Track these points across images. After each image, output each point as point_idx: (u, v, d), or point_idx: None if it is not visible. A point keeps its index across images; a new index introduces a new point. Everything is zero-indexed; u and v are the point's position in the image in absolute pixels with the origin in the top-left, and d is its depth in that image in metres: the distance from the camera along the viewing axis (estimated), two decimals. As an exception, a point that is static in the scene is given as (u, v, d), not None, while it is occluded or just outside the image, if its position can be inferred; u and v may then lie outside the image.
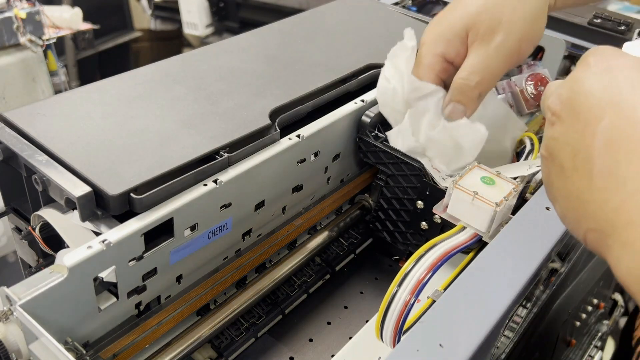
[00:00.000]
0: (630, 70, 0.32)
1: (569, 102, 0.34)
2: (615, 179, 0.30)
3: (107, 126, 0.50)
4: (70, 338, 0.43)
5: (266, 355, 0.56)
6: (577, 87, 0.34)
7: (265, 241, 0.59)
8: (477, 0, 0.53)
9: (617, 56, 0.34)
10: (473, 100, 0.53)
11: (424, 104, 0.56)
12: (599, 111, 0.32)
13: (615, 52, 0.35)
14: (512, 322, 0.46)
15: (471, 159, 0.55)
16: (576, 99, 0.34)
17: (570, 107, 0.34)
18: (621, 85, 0.32)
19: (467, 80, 0.52)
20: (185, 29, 2.13)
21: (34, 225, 0.49)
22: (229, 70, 0.62)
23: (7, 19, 1.35)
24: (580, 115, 0.33)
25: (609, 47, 0.35)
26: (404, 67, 0.57)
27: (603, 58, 0.34)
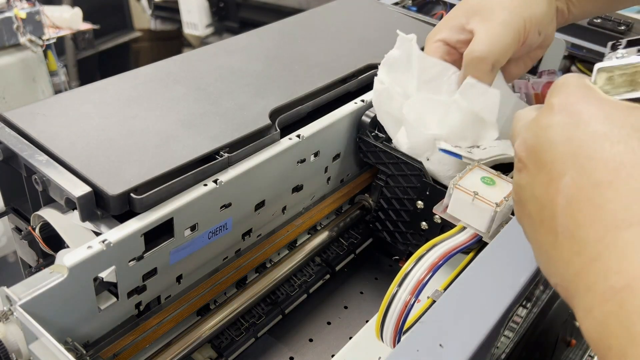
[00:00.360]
0: (594, 122, 0.30)
1: (534, 151, 0.33)
2: (577, 242, 0.29)
3: (107, 126, 0.50)
4: (70, 338, 0.43)
5: (266, 355, 0.56)
6: (541, 135, 0.32)
7: (265, 241, 0.59)
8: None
9: (582, 99, 0.32)
10: (486, 73, 0.53)
11: (436, 84, 0.55)
12: (562, 166, 0.30)
13: (580, 93, 0.32)
14: (512, 322, 0.46)
15: (493, 127, 0.55)
16: (540, 149, 0.32)
17: (534, 156, 0.33)
18: (583, 139, 0.30)
19: (477, 52, 0.52)
20: (185, 29, 2.13)
21: (34, 225, 0.49)
22: (229, 70, 0.62)
23: (7, 19, 1.35)
24: (545, 168, 0.32)
25: (574, 82, 0.33)
26: (412, 55, 0.56)
27: (568, 102, 0.32)
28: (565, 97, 0.32)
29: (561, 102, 0.32)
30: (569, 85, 0.33)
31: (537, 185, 0.32)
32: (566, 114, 0.31)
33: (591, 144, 0.29)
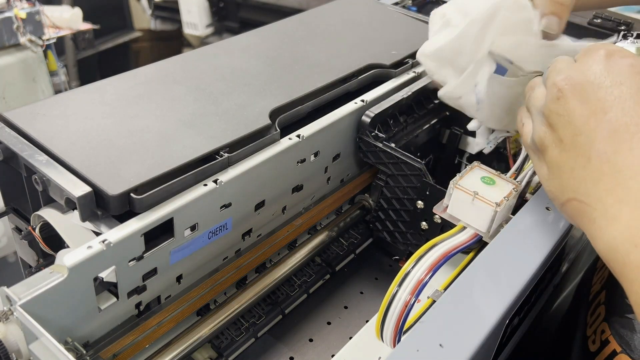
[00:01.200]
0: (637, 74, 0.37)
1: (579, 87, 0.38)
2: (613, 165, 0.35)
3: (107, 126, 0.50)
4: (70, 338, 0.43)
5: (266, 355, 0.56)
6: (589, 76, 0.38)
7: (265, 241, 0.59)
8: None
9: (630, 56, 0.38)
10: (566, 8, 0.53)
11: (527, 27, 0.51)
12: (607, 105, 0.36)
13: (623, 50, 0.39)
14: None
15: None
16: (587, 87, 0.38)
17: (579, 92, 0.38)
18: (629, 86, 0.36)
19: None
20: (185, 29, 2.13)
21: (34, 225, 0.49)
22: (229, 70, 0.62)
23: (7, 19, 1.35)
24: (589, 103, 0.37)
25: (618, 46, 0.40)
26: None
27: (614, 54, 0.38)
28: (613, 50, 0.39)
29: (609, 53, 0.39)
30: (610, 44, 0.40)
31: (577, 115, 0.38)
32: (614, 63, 0.38)
33: (637, 92, 0.36)
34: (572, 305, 0.60)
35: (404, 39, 0.74)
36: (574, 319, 0.54)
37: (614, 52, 0.39)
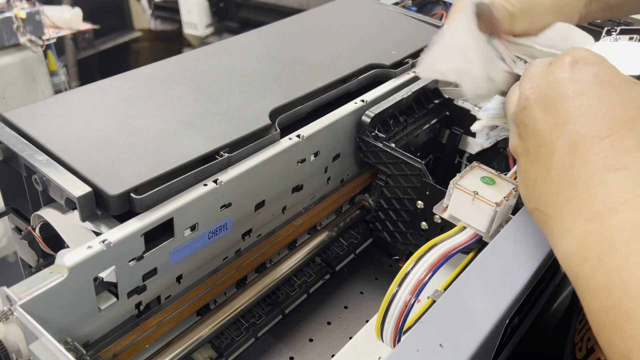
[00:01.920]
0: (601, 87, 0.36)
1: (544, 97, 0.38)
2: (569, 177, 0.36)
3: (107, 126, 0.50)
4: (70, 338, 0.43)
5: (266, 355, 0.56)
6: (554, 85, 0.38)
7: (265, 241, 0.59)
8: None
9: (593, 62, 0.38)
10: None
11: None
12: (567, 116, 0.36)
13: (592, 56, 0.38)
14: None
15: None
16: (550, 97, 0.38)
17: (544, 102, 0.38)
18: (591, 98, 0.36)
19: None
20: (185, 29, 2.13)
21: (34, 225, 0.49)
22: (229, 70, 0.62)
23: (7, 19, 1.35)
24: (551, 114, 0.38)
25: (584, 49, 0.39)
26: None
27: (581, 60, 0.38)
28: (580, 57, 0.38)
29: (575, 60, 0.38)
30: (580, 50, 0.39)
31: (540, 125, 0.38)
32: (579, 72, 0.37)
33: (597, 103, 0.36)
34: (567, 310, 0.61)
35: (404, 39, 0.74)
36: (566, 323, 0.54)
37: (580, 59, 0.38)
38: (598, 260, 0.32)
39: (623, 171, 0.33)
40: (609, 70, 0.38)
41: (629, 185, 0.33)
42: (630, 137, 0.34)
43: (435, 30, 0.78)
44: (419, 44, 0.74)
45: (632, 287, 0.30)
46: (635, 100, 0.36)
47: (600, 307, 0.32)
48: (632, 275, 0.30)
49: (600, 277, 0.32)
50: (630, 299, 0.30)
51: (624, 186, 0.33)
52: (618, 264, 0.31)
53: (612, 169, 0.33)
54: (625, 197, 0.32)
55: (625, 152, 0.34)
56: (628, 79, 0.38)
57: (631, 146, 0.34)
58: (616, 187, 0.33)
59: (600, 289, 0.32)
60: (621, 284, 0.31)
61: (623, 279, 0.31)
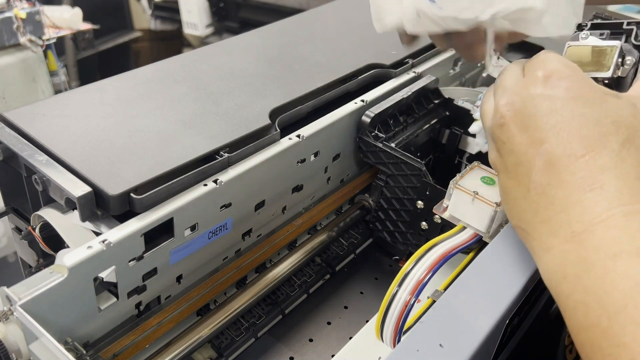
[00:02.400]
0: (574, 103, 0.36)
1: (519, 113, 0.38)
2: (546, 197, 0.36)
3: (107, 126, 0.50)
4: (70, 338, 0.43)
5: (266, 355, 0.56)
6: (528, 101, 0.38)
7: (265, 241, 0.59)
8: None
9: (565, 76, 0.37)
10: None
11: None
12: (543, 134, 0.36)
13: (563, 69, 0.37)
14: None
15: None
16: (525, 114, 0.37)
17: (520, 120, 0.38)
18: (564, 116, 0.36)
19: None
20: (185, 29, 2.13)
21: (34, 225, 0.49)
22: (229, 70, 0.62)
23: (7, 19, 1.35)
24: (527, 131, 0.37)
25: (556, 57, 0.39)
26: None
27: (553, 76, 0.37)
28: (552, 71, 0.38)
29: (546, 75, 0.38)
30: (551, 60, 0.38)
31: (517, 144, 0.38)
32: (552, 88, 0.37)
33: (571, 121, 0.36)
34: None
35: (404, 39, 0.74)
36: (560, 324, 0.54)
37: (552, 73, 0.37)
38: (576, 280, 0.33)
39: (599, 190, 0.33)
40: (582, 83, 0.37)
41: (604, 205, 0.33)
42: (604, 154, 0.34)
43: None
44: (419, 43, 0.74)
45: (608, 306, 0.30)
46: (608, 114, 0.36)
47: (579, 325, 0.32)
48: (607, 294, 0.31)
49: (578, 296, 0.32)
50: (607, 317, 0.30)
51: (600, 206, 0.33)
52: (594, 283, 0.32)
53: (588, 189, 0.34)
54: (601, 216, 0.33)
55: (600, 170, 0.34)
56: (600, 89, 0.37)
57: (606, 164, 0.34)
58: (592, 207, 0.33)
59: (579, 307, 0.32)
60: (598, 303, 0.31)
61: (599, 298, 0.31)
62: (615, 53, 0.43)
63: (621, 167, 0.34)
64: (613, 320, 0.30)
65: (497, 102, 0.40)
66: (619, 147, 0.34)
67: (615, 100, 0.37)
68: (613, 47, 0.43)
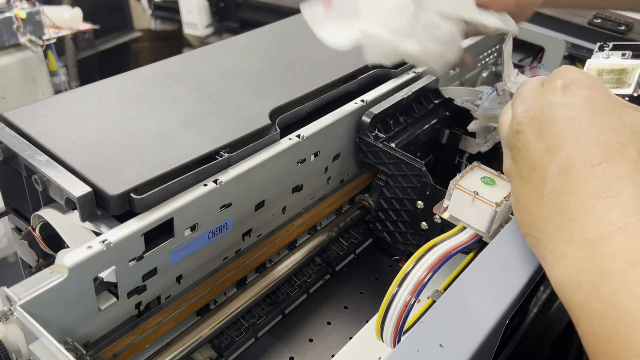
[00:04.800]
0: (593, 111, 0.36)
1: (536, 122, 0.38)
2: (561, 203, 0.35)
3: (107, 126, 0.50)
4: (70, 338, 0.43)
5: (266, 355, 0.56)
6: (546, 109, 0.38)
7: (265, 241, 0.59)
8: None
9: (585, 85, 0.37)
10: None
11: None
12: (560, 141, 0.36)
13: (584, 79, 0.38)
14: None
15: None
16: (543, 121, 0.38)
17: (536, 127, 0.38)
18: (583, 124, 0.36)
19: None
20: (185, 29, 2.13)
21: (34, 225, 0.49)
22: (229, 70, 0.62)
23: (7, 19, 1.35)
24: (544, 138, 0.37)
25: (577, 70, 0.39)
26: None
27: (573, 84, 0.38)
28: (571, 80, 0.38)
29: (566, 83, 0.38)
30: (572, 71, 0.39)
31: (533, 150, 0.38)
32: (571, 96, 0.37)
33: (589, 128, 0.35)
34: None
35: (404, 39, 0.74)
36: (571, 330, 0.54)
37: (572, 82, 0.38)
38: (591, 288, 0.32)
39: (615, 198, 0.33)
40: (601, 93, 0.37)
41: (620, 213, 0.33)
42: (622, 163, 0.34)
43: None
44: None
45: (625, 315, 0.30)
46: (627, 124, 0.35)
47: (594, 335, 0.32)
48: (624, 303, 0.30)
49: (593, 305, 0.32)
50: (624, 327, 0.30)
51: (616, 213, 0.33)
52: (611, 292, 0.31)
53: (604, 196, 0.33)
54: (617, 224, 0.32)
55: (617, 178, 0.34)
56: (619, 101, 0.37)
57: (623, 172, 0.34)
58: (608, 214, 0.33)
59: (594, 317, 0.32)
60: (614, 313, 0.31)
61: (616, 307, 0.31)
62: (637, 71, 0.44)
63: (639, 175, 0.34)
64: (631, 330, 0.29)
65: (515, 110, 0.40)
66: (637, 157, 0.34)
67: (634, 112, 0.37)
68: (635, 66, 0.45)
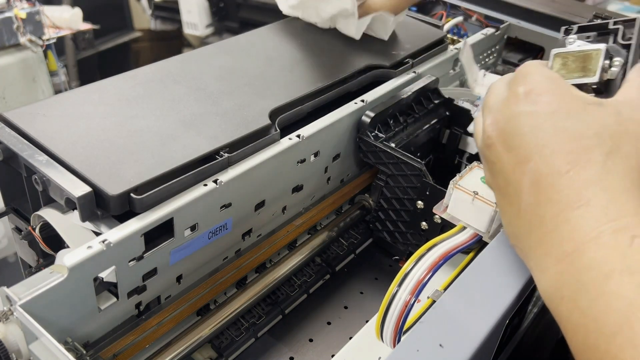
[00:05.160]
0: (556, 116, 0.36)
1: (503, 133, 0.38)
2: (537, 216, 0.35)
3: (107, 126, 0.50)
4: (70, 338, 0.43)
5: (266, 355, 0.56)
6: (510, 120, 0.37)
7: (265, 241, 0.59)
8: None
9: (546, 90, 0.37)
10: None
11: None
12: (528, 152, 0.36)
13: (544, 83, 0.37)
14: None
15: None
16: (509, 133, 0.37)
17: (505, 139, 0.38)
18: (546, 132, 0.35)
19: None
20: (185, 29, 2.13)
21: (34, 225, 0.49)
22: (229, 70, 0.62)
23: (7, 19, 1.35)
24: (512, 151, 0.37)
25: (537, 71, 0.38)
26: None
27: (533, 91, 0.37)
28: (531, 86, 0.37)
29: (526, 91, 0.37)
30: (532, 74, 0.38)
31: (505, 163, 0.37)
32: (532, 104, 0.37)
33: (553, 137, 0.35)
34: None
35: (404, 39, 0.74)
36: None
37: (532, 88, 0.37)
38: (572, 301, 0.32)
39: (585, 207, 0.33)
40: (562, 95, 0.36)
41: (592, 223, 0.32)
42: (588, 168, 0.33)
43: (435, 31, 0.79)
44: (419, 44, 0.74)
45: (604, 327, 0.30)
46: (591, 125, 0.35)
47: (579, 346, 0.32)
48: (603, 315, 0.30)
49: (576, 318, 0.32)
50: (604, 339, 0.30)
51: (588, 224, 0.32)
52: (589, 305, 0.31)
53: (576, 206, 0.33)
54: (590, 235, 0.32)
55: (585, 185, 0.33)
56: (582, 100, 0.36)
57: (590, 178, 0.33)
58: (581, 224, 0.33)
59: (577, 329, 0.32)
60: (594, 325, 0.31)
61: (595, 320, 0.31)
62: (601, 56, 0.41)
63: (607, 180, 0.33)
64: (611, 343, 0.29)
65: (484, 123, 0.40)
66: (604, 159, 0.34)
67: (597, 109, 0.36)
68: (598, 50, 0.41)
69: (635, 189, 0.33)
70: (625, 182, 0.33)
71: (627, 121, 0.35)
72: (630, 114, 0.35)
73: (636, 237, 0.31)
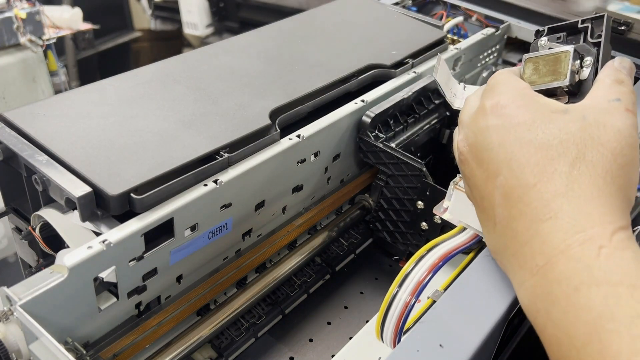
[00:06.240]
0: (522, 129, 0.35)
1: (473, 148, 0.38)
2: (511, 230, 0.35)
3: (107, 126, 0.50)
4: (70, 338, 0.43)
5: (266, 355, 0.56)
6: (478, 135, 0.38)
7: (265, 241, 0.59)
8: None
9: (511, 102, 0.37)
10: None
11: None
12: (497, 166, 0.36)
13: (510, 94, 0.37)
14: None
15: None
16: (479, 148, 0.38)
17: (475, 154, 0.38)
18: (513, 145, 0.35)
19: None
20: (185, 29, 2.13)
21: (34, 225, 0.49)
22: (229, 70, 0.62)
23: (7, 19, 1.35)
24: (482, 165, 0.37)
25: (504, 81, 0.38)
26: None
27: (499, 104, 0.37)
28: (497, 99, 0.37)
29: (493, 104, 0.37)
30: (499, 85, 0.38)
31: (478, 178, 0.38)
32: (497, 117, 0.37)
33: (519, 149, 0.35)
34: None
35: (404, 39, 0.74)
36: None
37: (498, 101, 0.37)
38: (546, 314, 0.33)
39: (554, 220, 0.33)
40: (526, 106, 0.36)
41: (560, 236, 0.32)
42: (554, 179, 0.33)
43: (435, 31, 0.79)
44: (419, 44, 0.74)
45: (575, 339, 0.30)
46: (555, 134, 0.35)
47: (555, 358, 0.33)
48: (574, 328, 0.31)
49: (550, 331, 0.32)
50: (576, 351, 0.30)
51: (556, 237, 0.32)
52: (561, 318, 0.31)
53: (545, 218, 0.33)
54: (559, 247, 0.32)
55: (552, 197, 0.33)
56: (547, 108, 0.36)
57: (557, 190, 0.33)
58: (550, 237, 0.33)
59: (552, 341, 0.32)
60: (566, 338, 0.31)
61: (567, 332, 0.31)
62: (569, 58, 0.40)
63: (573, 190, 0.33)
64: (581, 354, 0.30)
65: (457, 139, 0.40)
66: (569, 169, 0.33)
67: (562, 117, 0.35)
68: (566, 52, 0.40)
69: (601, 196, 0.33)
70: (592, 190, 0.33)
71: (592, 126, 0.35)
72: (595, 117, 0.35)
73: (603, 247, 0.31)
